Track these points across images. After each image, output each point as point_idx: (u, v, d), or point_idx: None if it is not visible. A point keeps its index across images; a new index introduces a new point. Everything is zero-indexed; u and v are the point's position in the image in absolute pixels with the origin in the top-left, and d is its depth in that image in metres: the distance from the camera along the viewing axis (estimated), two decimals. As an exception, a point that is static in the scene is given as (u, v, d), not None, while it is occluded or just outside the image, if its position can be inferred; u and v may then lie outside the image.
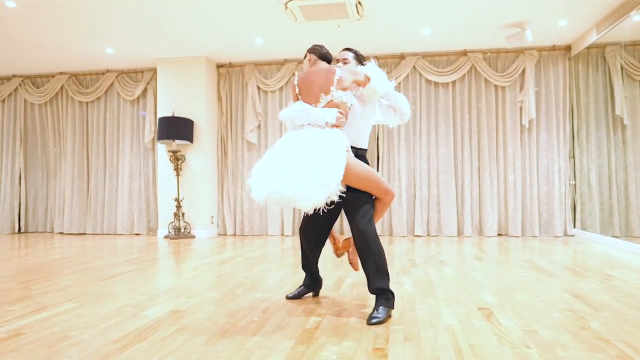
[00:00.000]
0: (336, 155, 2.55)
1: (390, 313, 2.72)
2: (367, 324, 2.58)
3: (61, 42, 6.46)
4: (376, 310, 2.66)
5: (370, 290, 2.74)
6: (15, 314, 2.88)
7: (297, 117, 2.72)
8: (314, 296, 3.25)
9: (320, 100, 2.74)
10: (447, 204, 7.02)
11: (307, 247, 3.10)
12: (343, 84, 2.76)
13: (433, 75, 7.04)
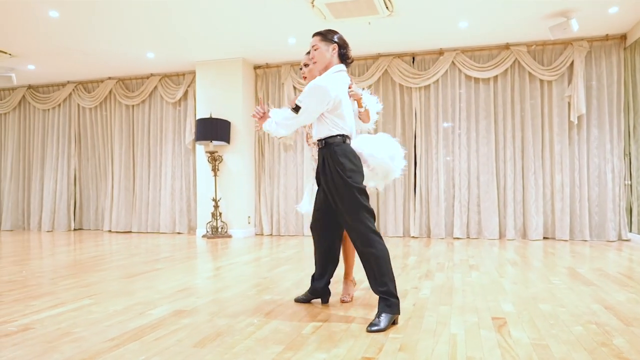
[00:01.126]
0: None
1: (396, 319, 2.59)
2: (366, 331, 2.46)
3: (105, 49, 6.75)
4: (377, 317, 2.53)
5: (373, 291, 2.64)
6: (33, 308, 3.01)
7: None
8: (322, 303, 3.08)
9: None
10: (488, 205, 6.69)
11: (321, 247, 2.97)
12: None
13: (473, 70, 6.74)
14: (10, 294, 3.45)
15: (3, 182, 9.10)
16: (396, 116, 7.11)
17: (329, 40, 2.79)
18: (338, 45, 2.80)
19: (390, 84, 7.17)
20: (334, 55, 2.79)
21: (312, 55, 2.82)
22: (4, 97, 9.15)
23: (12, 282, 3.87)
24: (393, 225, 7.05)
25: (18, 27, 5.83)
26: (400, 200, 7.04)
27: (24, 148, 9.04)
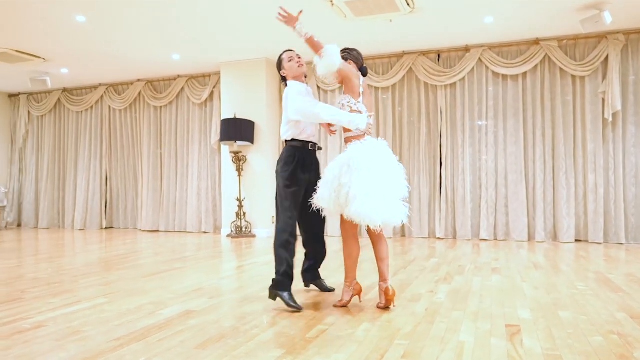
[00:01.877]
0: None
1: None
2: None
3: (132, 51, 6.90)
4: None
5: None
6: (51, 306, 3.09)
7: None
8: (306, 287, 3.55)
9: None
10: (517, 206, 6.47)
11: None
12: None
13: (501, 67, 6.53)
14: (32, 291, 3.55)
15: (40, 182, 9.45)
16: (421, 115, 6.97)
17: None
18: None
19: (415, 83, 7.04)
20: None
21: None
22: (40, 100, 9.50)
23: (37, 280, 3.99)
24: (418, 226, 6.92)
25: (48, 32, 6.02)
26: (426, 201, 6.91)
27: (59, 149, 9.36)
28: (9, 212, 9.55)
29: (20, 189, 9.67)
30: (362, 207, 2.82)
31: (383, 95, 7.18)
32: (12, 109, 9.77)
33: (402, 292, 3.38)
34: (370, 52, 7.07)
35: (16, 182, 9.65)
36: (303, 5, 5.26)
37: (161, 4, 5.20)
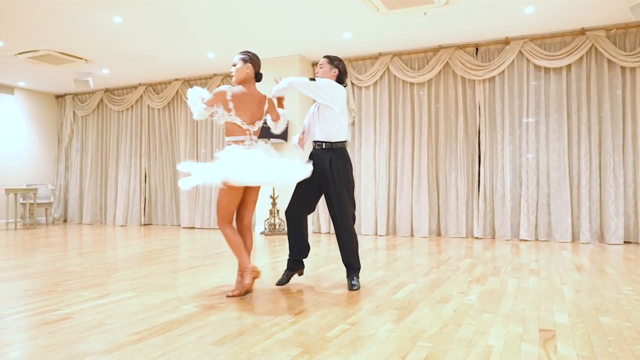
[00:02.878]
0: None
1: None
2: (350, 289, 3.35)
3: (168, 51, 7.02)
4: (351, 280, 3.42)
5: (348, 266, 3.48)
6: (80, 298, 3.15)
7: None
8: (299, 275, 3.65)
9: (255, 125, 3.36)
10: (559, 205, 6.16)
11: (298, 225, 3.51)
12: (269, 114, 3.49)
13: (543, 59, 6.23)
14: (65, 283, 3.64)
15: (84, 179, 9.80)
16: (458, 111, 6.76)
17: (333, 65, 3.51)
18: (338, 72, 3.51)
19: (451, 77, 6.82)
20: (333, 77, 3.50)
21: (317, 71, 3.59)
22: (84, 100, 9.84)
23: (72, 273, 4.10)
24: (455, 225, 6.71)
25: (88, 33, 6.20)
26: (463, 199, 6.68)
27: (101, 147, 9.67)
28: (56, 208, 9.95)
29: (66, 186, 10.06)
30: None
31: (420, 92, 7.00)
32: (59, 109, 10.18)
33: (430, 293, 3.25)
34: (405, 47, 6.92)
35: (62, 179, 10.04)
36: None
37: (195, 2, 5.24)
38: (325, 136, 3.42)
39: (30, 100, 9.67)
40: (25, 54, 6.97)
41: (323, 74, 3.48)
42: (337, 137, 3.43)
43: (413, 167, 6.98)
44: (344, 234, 3.46)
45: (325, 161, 3.38)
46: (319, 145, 3.45)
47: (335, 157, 3.39)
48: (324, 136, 3.42)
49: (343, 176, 3.40)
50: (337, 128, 3.43)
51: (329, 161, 3.38)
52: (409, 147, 7.01)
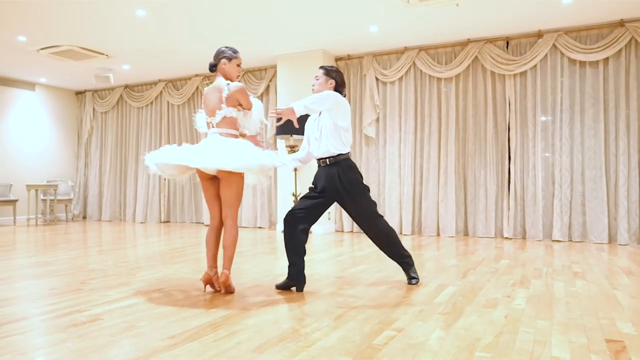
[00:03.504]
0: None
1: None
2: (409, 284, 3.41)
3: (190, 45, 6.89)
4: (408, 274, 3.45)
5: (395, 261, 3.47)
6: (107, 298, 3.02)
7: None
8: (298, 291, 3.26)
9: (216, 115, 3.17)
10: (595, 205, 5.91)
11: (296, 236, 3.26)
12: (232, 102, 3.16)
13: (578, 53, 5.98)
14: (91, 282, 3.53)
15: (103, 176, 9.75)
16: (487, 107, 6.53)
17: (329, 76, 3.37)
18: (335, 83, 3.37)
19: (480, 72, 6.60)
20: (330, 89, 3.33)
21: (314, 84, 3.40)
22: (104, 96, 9.80)
23: (95, 271, 3.99)
24: (483, 224, 6.49)
25: (110, 28, 6.11)
26: (492, 199, 6.46)
27: (121, 144, 9.61)
28: (75, 205, 9.92)
29: (86, 183, 10.03)
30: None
31: (444, 88, 6.79)
32: (79, 105, 10.15)
33: (474, 296, 3.06)
34: (433, 41, 6.71)
35: (82, 176, 10.02)
36: (364, -10, 5.01)
37: (219, -7, 5.11)
38: (328, 151, 3.28)
39: (51, 97, 9.65)
40: (47, 49, 6.90)
41: (319, 86, 3.34)
42: (341, 150, 3.29)
43: (439, 164, 6.77)
44: (380, 236, 3.38)
45: (334, 178, 3.27)
46: (323, 162, 3.33)
47: (342, 170, 3.27)
48: (327, 151, 3.28)
49: (355, 185, 3.30)
50: (343, 141, 3.30)
51: (337, 177, 3.26)
52: (435, 144, 6.80)
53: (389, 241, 3.41)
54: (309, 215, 3.32)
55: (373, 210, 3.37)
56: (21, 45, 6.81)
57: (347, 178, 3.27)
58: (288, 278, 3.27)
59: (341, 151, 3.29)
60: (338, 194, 3.29)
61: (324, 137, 3.29)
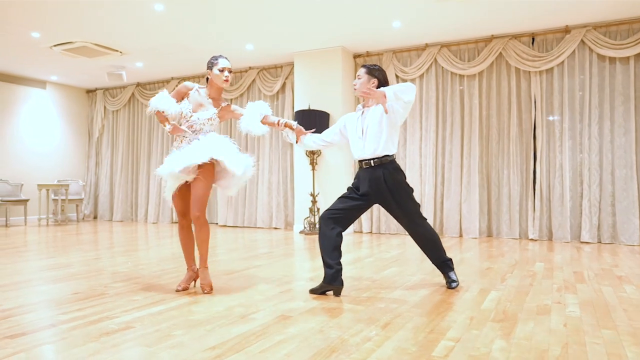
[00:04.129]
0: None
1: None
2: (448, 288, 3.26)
3: (207, 42, 6.74)
4: (449, 277, 3.30)
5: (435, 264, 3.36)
6: (135, 304, 2.87)
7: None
8: (335, 294, 3.08)
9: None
10: (626, 205, 5.73)
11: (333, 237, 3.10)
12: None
13: (608, 49, 5.80)
14: (114, 286, 3.38)
15: (114, 175, 9.62)
16: (512, 104, 6.35)
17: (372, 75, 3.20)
18: (378, 81, 3.18)
19: (504, 68, 6.42)
20: (372, 88, 3.11)
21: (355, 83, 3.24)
22: (116, 95, 9.66)
23: (117, 274, 3.84)
24: (507, 225, 6.31)
25: (126, 24, 5.96)
26: (516, 199, 6.28)
27: (133, 143, 9.47)
28: (86, 205, 9.79)
29: (97, 182, 9.90)
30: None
31: (470, 85, 6.62)
32: (90, 103, 10.02)
33: (522, 302, 2.89)
34: (454, 37, 6.54)
35: (92, 175, 9.89)
36: (391, -17, 4.84)
37: (240, -13, 4.95)
38: (375, 152, 3.13)
39: (62, 95, 9.52)
40: (61, 46, 6.77)
41: (361, 86, 3.18)
42: (390, 151, 3.16)
43: (462, 164, 6.60)
44: (424, 239, 3.27)
45: (379, 180, 3.12)
46: (367, 163, 3.16)
47: (388, 172, 3.13)
48: (375, 152, 3.13)
49: (401, 187, 3.17)
50: (394, 141, 3.18)
51: (383, 179, 3.12)
52: (457, 143, 6.62)
53: (433, 243, 3.28)
54: (346, 218, 3.18)
55: (418, 211, 3.24)
56: (34, 42, 6.67)
57: (393, 180, 3.13)
58: (324, 282, 3.10)
59: (389, 152, 3.14)
60: (383, 196, 3.15)
61: (371, 136, 3.13)
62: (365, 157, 3.16)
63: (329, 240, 3.12)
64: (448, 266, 3.34)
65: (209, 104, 3.34)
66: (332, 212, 3.16)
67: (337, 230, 3.14)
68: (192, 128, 3.24)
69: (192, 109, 3.28)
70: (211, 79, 3.32)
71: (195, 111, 3.28)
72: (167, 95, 3.27)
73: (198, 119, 3.25)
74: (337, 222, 3.15)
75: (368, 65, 3.24)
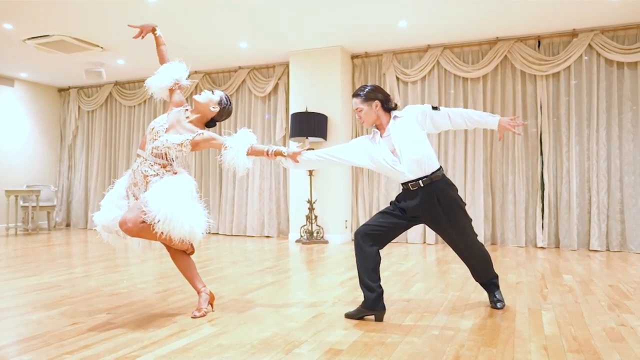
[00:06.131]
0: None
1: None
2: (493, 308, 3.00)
3: (199, 38, 6.31)
4: (494, 297, 3.03)
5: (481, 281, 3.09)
6: (152, 337, 2.45)
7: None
8: (377, 320, 2.75)
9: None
10: (634, 212, 5.63)
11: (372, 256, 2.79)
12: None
13: (616, 53, 5.70)
14: (118, 313, 2.94)
15: (89, 180, 9.00)
16: (517, 108, 6.19)
17: (370, 99, 2.82)
18: (380, 102, 2.83)
19: (510, 72, 6.25)
20: (378, 111, 2.83)
21: (359, 117, 2.88)
22: (91, 94, 9.06)
23: (116, 296, 3.39)
24: (513, 233, 6.13)
25: (113, 17, 5.48)
26: (522, 205, 6.11)
27: (110, 146, 8.88)
28: (58, 212, 9.13)
29: (70, 188, 9.25)
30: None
31: (474, 88, 6.42)
32: (62, 103, 9.37)
33: (584, 325, 2.63)
34: (458, 39, 6.33)
35: (65, 180, 9.23)
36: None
37: (244, -21, 4.58)
38: (420, 170, 2.76)
39: (31, 94, 8.85)
40: (35, 39, 6.19)
41: (367, 116, 2.83)
42: (436, 165, 2.82)
43: (466, 169, 6.39)
44: (477, 257, 2.98)
45: (431, 201, 2.77)
46: (414, 185, 2.78)
47: (440, 191, 2.78)
48: (420, 170, 2.76)
49: (456, 204, 2.84)
50: (433, 154, 2.84)
51: (436, 199, 2.78)
52: (461, 147, 6.41)
53: (484, 261, 3.01)
54: (385, 236, 2.85)
55: (471, 228, 2.95)
56: (6, 34, 6.08)
57: (447, 199, 2.79)
58: (365, 306, 2.76)
59: (436, 167, 2.81)
60: (434, 217, 2.82)
61: (409, 152, 2.75)
62: (412, 179, 2.78)
63: (367, 260, 2.79)
64: (495, 284, 3.07)
65: (185, 129, 2.90)
66: (371, 227, 2.82)
67: (375, 248, 2.81)
68: (157, 149, 2.82)
69: (166, 128, 2.86)
70: (199, 105, 2.97)
71: (168, 131, 2.86)
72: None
73: (166, 140, 2.80)
74: (376, 239, 2.82)
75: (358, 93, 2.85)
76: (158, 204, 2.63)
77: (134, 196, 2.89)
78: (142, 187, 2.85)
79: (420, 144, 2.78)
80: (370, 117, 2.83)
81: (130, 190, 2.93)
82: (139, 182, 2.87)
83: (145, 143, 2.90)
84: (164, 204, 2.64)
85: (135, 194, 2.88)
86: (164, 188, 2.74)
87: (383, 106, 2.84)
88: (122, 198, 2.95)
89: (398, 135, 2.79)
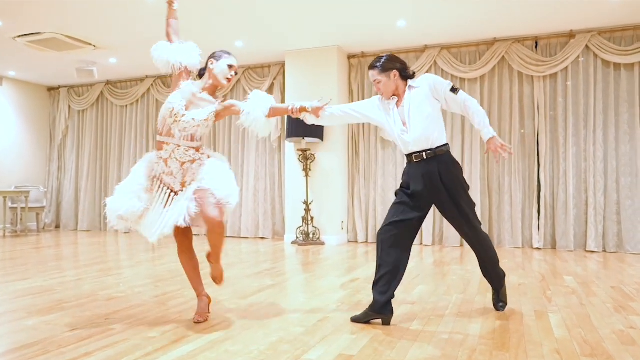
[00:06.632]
0: None
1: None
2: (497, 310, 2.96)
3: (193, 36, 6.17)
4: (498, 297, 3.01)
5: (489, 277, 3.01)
6: (155, 343, 2.38)
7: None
8: (384, 324, 2.70)
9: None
10: (631, 213, 5.65)
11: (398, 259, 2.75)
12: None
13: (613, 55, 5.72)
14: (117, 318, 2.85)
15: (80, 181, 8.84)
16: (514, 109, 6.19)
17: (388, 70, 2.76)
18: (398, 70, 2.76)
19: (507, 72, 6.25)
20: (397, 81, 2.77)
21: (378, 89, 2.81)
22: (82, 93, 8.90)
23: (114, 301, 3.30)
24: (509, 234, 6.13)
25: (107, 15, 5.37)
26: (518, 206, 6.10)
27: (101, 146, 8.74)
28: (47, 213, 8.96)
29: (59, 188, 9.08)
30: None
31: (471, 88, 6.40)
32: (52, 103, 9.20)
33: (593, 328, 2.60)
34: (456, 40, 6.31)
35: (55, 180, 9.06)
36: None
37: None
38: (426, 143, 2.73)
39: (20, 93, 8.67)
40: (26, 37, 6.05)
41: (385, 87, 2.76)
42: (442, 140, 2.78)
43: (463, 170, 6.35)
44: (481, 243, 2.89)
45: (432, 176, 2.73)
46: (418, 157, 2.76)
47: (442, 167, 2.74)
48: (425, 144, 2.73)
49: (459, 183, 2.79)
50: (443, 129, 2.80)
51: (438, 175, 2.73)
52: (457, 148, 6.39)
53: (490, 251, 2.93)
54: (408, 233, 2.77)
55: (474, 212, 2.86)
56: (-5, 32, 5.94)
57: (449, 176, 2.74)
58: (371, 309, 2.71)
59: (442, 142, 2.76)
60: (438, 195, 2.76)
61: (417, 126, 2.71)
62: (416, 150, 2.75)
63: (389, 263, 2.72)
64: (500, 283, 3.02)
65: (203, 100, 2.78)
66: (392, 226, 2.74)
67: (400, 247, 2.76)
68: (185, 131, 2.68)
69: (185, 106, 2.71)
70: (211, 73, 2.80)
71: (187, 108, 2.72)
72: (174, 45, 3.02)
73: (193, 119, 2.67)
74: (400, 237, 2.75)
75: (375, 64, 2.80)
76: (226, 192, 2.65)
77: (167, 187, 2.70)
78: (178, 176, 2.69)
79: (429, 118, 2.73)
80: (390, 87, 2.77)
81: (158, 181, 2.72)
82: (175, 171, 2.68)
83: (165, 127, 2.70)
84: (231, 191, 2.68)
85: (170, 184, 2.70)
86: (220, 174, 2.70)
87: (401, 75, 2.77)
88: (145, 190, 2.70)
89: (411, 109, 2.75)
